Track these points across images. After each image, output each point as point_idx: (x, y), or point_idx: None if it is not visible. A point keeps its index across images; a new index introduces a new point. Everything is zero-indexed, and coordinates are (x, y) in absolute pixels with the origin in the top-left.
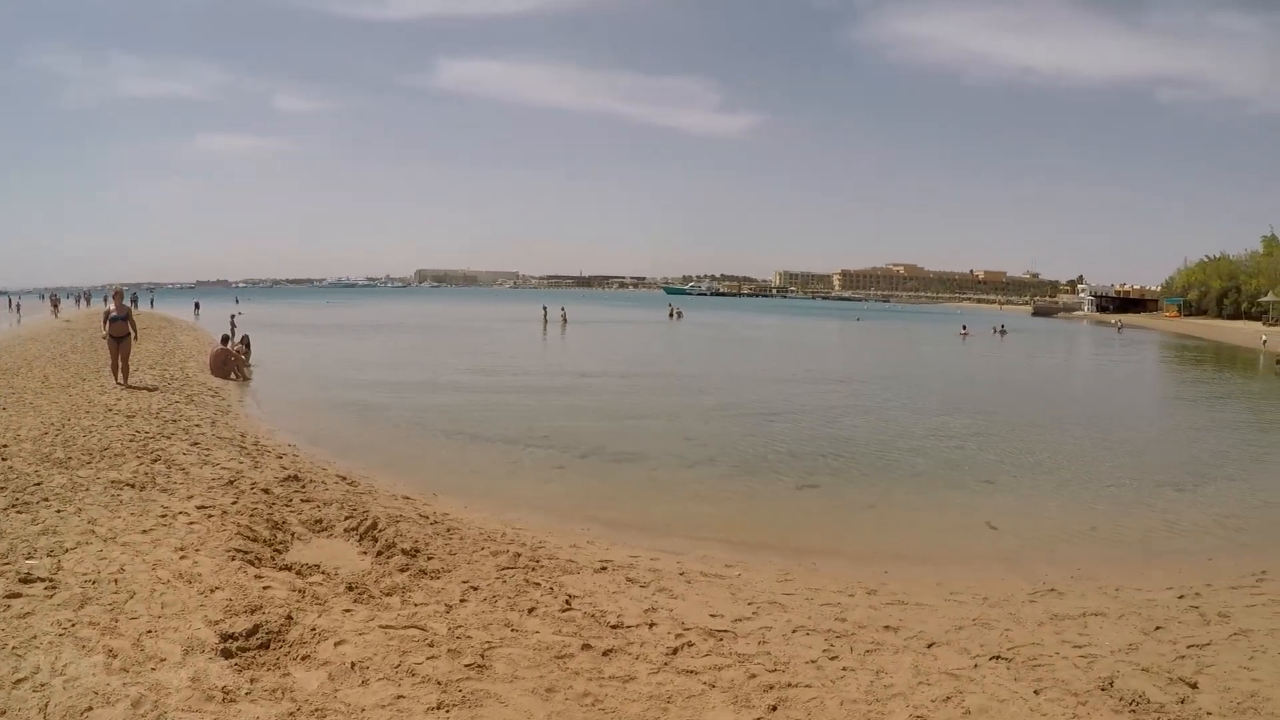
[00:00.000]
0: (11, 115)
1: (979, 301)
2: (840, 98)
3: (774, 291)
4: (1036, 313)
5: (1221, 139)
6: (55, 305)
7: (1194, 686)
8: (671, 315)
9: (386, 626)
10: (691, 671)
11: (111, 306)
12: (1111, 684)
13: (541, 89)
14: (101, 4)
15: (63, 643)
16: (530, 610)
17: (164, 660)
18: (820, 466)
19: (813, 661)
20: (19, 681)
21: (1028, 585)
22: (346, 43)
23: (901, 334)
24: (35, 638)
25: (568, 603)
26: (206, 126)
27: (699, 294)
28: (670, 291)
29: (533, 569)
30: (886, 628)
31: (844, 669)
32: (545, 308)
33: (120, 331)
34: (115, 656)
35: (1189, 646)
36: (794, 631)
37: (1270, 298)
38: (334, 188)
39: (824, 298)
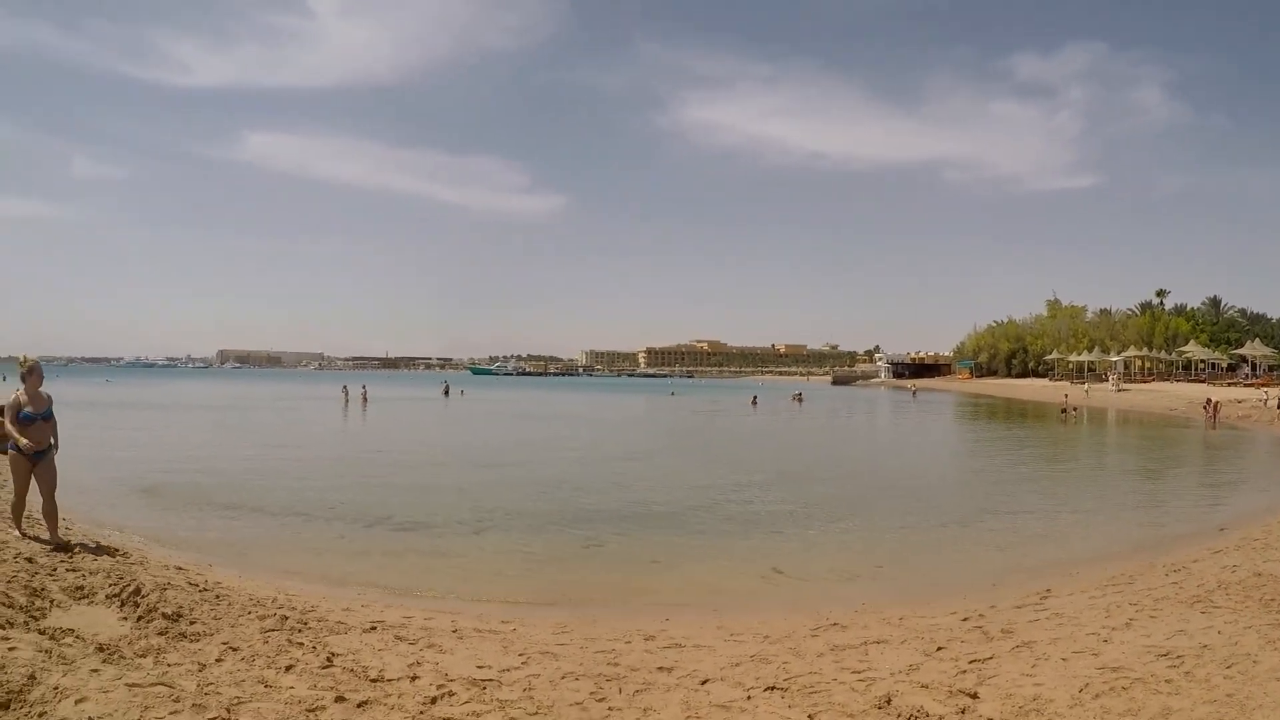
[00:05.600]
0: None
1: (780, 374)
2: (643, 180)
3: (580, 370)
4: (836, 381)
5: (1003, 213)
6: None
7: (974, 696)
8: (446, 393)
9: (133, 684)
10: (448, 719)
11: (20, 395)
12: (889, 701)
13: (346, 165)
14: None
15: None
16: (288, 668)
17: None
18: (608, 528)
19: (578, 704)
20: None
21: (811, 622)
22: (148, 109)
23: (704, 406)
24: None
25: (329, 660)
26: None
27: (505, 374)
28: (476, 372)
29: (298, 630)
30: (660, 669)
31: (610, 709)
32: (346, 387)
33: (42, 441)
34: None
35: (971, 662)
36: (562, 677)
37: (1054, 355)
38: (134, 261)
39: (630, 375)
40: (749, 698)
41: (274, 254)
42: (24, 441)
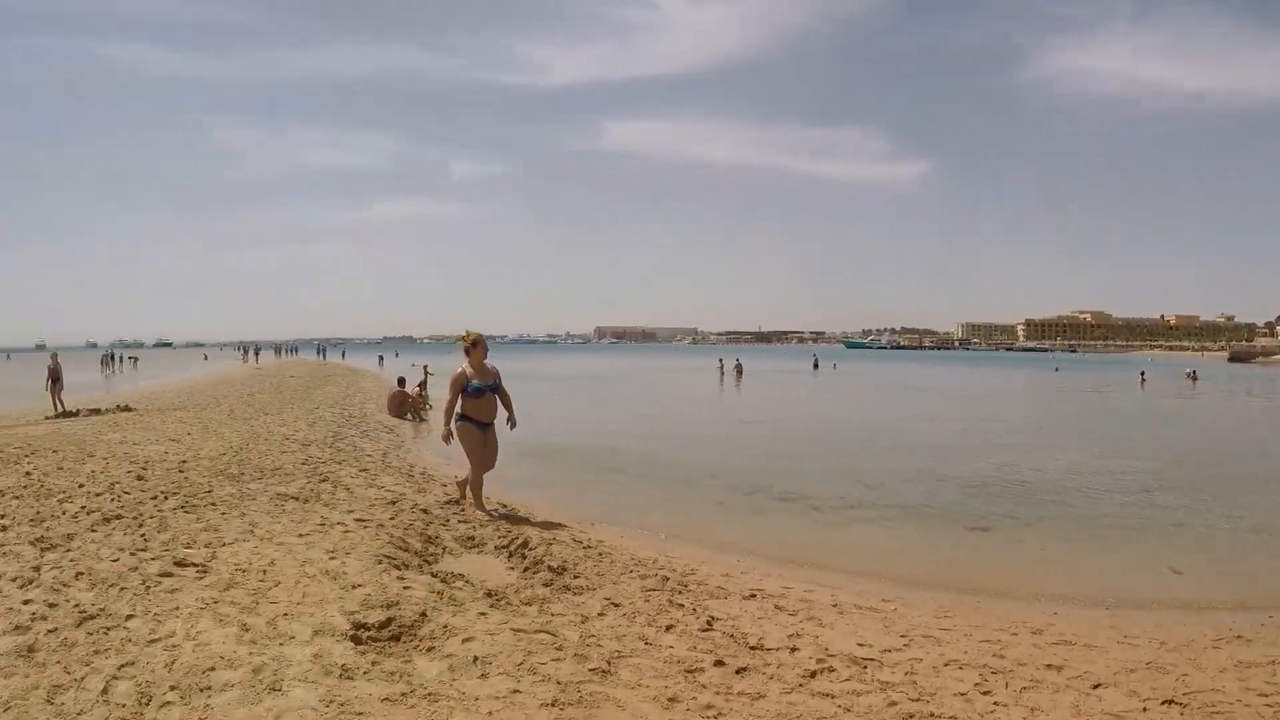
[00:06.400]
0: (197, 185)
1: (1170, 349)
2: (1012, 139)
3: (956, 344)
4: (1233, 358)
5: None
6: (246, 354)
7: None
8: (816, 366)
9: (518, 630)
10: (828, 695)
11: (466, 369)
12: None
13: (707, 145)
14: (280, 82)
15: (202, 615)
16: (668, 627)
17: (293, 638)
18: (992, 509)
19: (962, 694)
20: (153, 641)
21: (1212, 631)
22: (515, 111)
23: (1088, 383)
24: (177, 609)
25: (709, 624)
26: (382, 193)
27: (879, 347)
28: (850, 345)
29: (679, 592)
30: (1048, 666)
31: (995, 704)
32: (721, 360)
33: (490, 413)
34: (247, 630)
35: None
36: (946, 664)
37: None
38: (511, 248)
39: (1007, 348)
40: (1144, 710)
41: (643, 234)
42: (444, 430)
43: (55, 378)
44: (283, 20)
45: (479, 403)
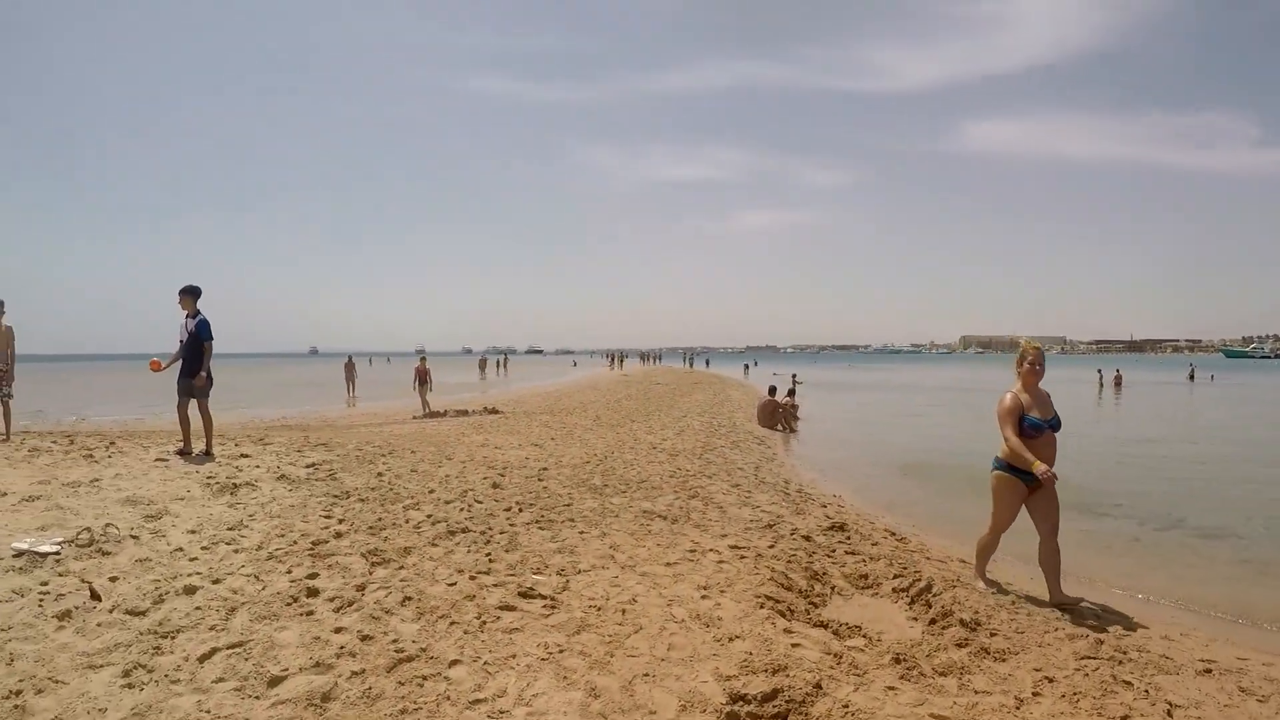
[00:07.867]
0: (566, 202)
1: None
2: None
3: None
4: None
5: None
6: (613, 361)
7: None
8: (1192, 377)
9: (938, 716)
10: None
11: (1020, 394)
12: None
13: (1064, 141)
14: (637, 104)
15: (542, 669)
16: (1123, 719)
17: (654, 713)
18: None
19: None
20: (476, 701)
21: None
22: (866, 117)
23: None
24: (514, 657)
25: (1168, 714)
26: (740, 204)
27: (1262, 356)
28: (1229, 354)
29: (1120, 662)
30: None
31: None
32: (1100, 371)
33: (1046, 459)
34: (597, 697)
35: None
36: None
37: None
38: (869, 256)
39: None
40: None
41: (1007, 239)
42: (1039, 466)
43: (423, 379)
44: (634, 46)
45: (1034, 444)
